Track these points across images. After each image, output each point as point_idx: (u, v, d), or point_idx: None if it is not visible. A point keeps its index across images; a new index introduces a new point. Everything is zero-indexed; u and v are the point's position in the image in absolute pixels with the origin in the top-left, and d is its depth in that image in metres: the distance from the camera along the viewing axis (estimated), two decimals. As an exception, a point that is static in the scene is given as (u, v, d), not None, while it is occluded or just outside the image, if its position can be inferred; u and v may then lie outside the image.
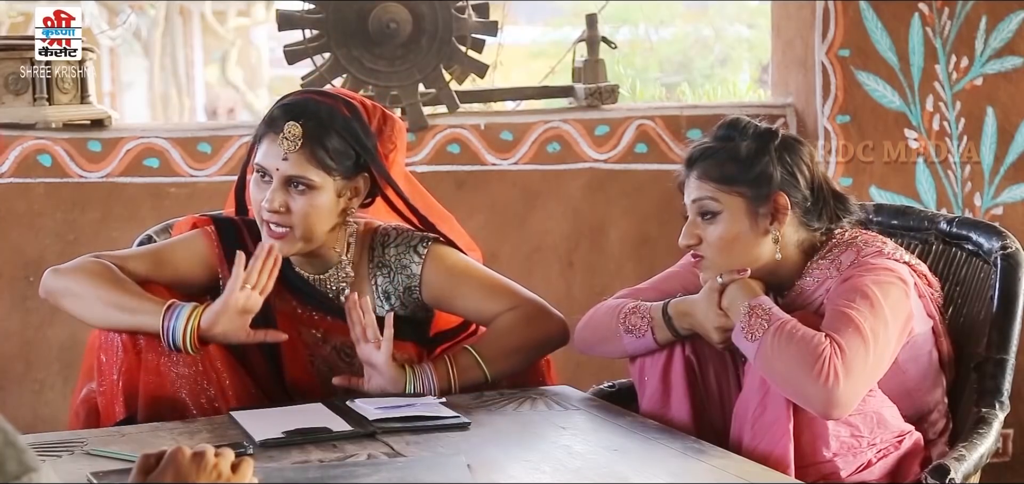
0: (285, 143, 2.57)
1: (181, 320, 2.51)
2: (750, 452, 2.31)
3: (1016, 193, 3.87)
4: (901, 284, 2.40)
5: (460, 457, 2.20)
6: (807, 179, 2.50)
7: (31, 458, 1.42)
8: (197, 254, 2.70)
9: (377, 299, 2.73)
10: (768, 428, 2.30)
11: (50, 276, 2.63)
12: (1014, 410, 2.68)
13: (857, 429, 2.33)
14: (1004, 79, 3.85)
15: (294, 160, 2.58)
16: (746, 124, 2.52)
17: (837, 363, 2.25)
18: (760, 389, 2.32)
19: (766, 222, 2.47)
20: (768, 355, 2.31)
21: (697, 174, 2.50)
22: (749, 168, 2.47)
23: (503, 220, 3.89)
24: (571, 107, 4.11)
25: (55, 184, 3.78)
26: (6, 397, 3.75)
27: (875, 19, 3.83)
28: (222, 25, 14.52)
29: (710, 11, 13.62)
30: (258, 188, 2.61)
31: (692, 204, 2.51)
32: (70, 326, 3.75)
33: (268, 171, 2.59)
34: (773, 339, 2.31)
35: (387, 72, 3.81)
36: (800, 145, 2.54)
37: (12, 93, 3.74)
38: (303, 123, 2.58)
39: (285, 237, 2.60)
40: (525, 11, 12.92)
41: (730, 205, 2.47)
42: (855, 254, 2.45)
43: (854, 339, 2.29)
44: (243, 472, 1.71)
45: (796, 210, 2.49)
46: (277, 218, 2.59)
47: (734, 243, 2.47)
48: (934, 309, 2.51)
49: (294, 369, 2.68)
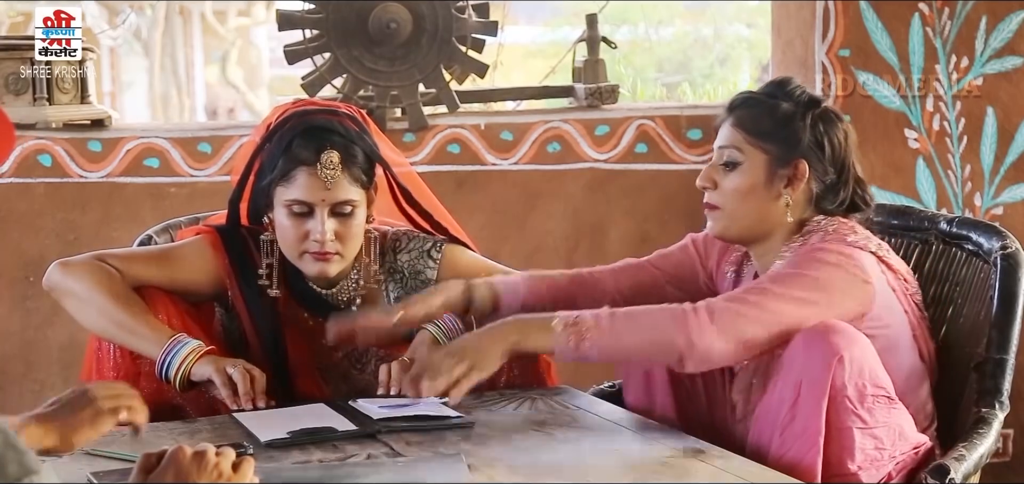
0: (326, 173, 2.55)
1: (177, 359, 2.50)
2: (777, 460, 2.29)
3: (1016, 193, 3.87)
4: (851, 270, 2.38)
5: (460, 457, 2.20)
6: (835, 156, 2.51)
7: (32, 460, 1.43)
8: (203, 262, 2.68)
9: (388, 301, 2.73)
10: (798, 437, 2.28)
11: (56, 271, 2.61)
12: (1014, 410, 2.68)
13: (881, 442, 2.32)
14: (1004, 79, 3.85)
15: (337, 187, 2.56)
16: (794, 87, 2.54)
17: (694, 314, 2.32)
18: (790, 397, 2.30)
19: (781, 184, 2.48)
20: (610, 343, 2.35)
21: (733, 120, 2.53)
22: (781, 127, 2.49)
23: (503, 220, 3.89)
24: (571, 107, 4.11)
25: (55, 184, 3.78)
26: (6, 397, 3.75)
27: (875, 19, 3.83)
28: (222, 25, 14.52)
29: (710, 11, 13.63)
30: (296, 223, 2.58)
31: (718, 149, 2.53)
32: (70, 326, 3.74)
33: (312, 204, 2.57)
34: (610, 324, 2.35)
35: (387, 72, 3.81)
36: (838, 121, 2.54)
37: (12, 93, 3.74)
38: (340, 148, 2.57)
39: (333, 260, 2.59)
40: (525, 11, 12.92)
41: (752, 158, 2.49)
42: (821, 238, 2.46)
43: (734, 303, 2.34)
44: (244, 472, 1.71)
45: (814, 183, 2.49)
46: (329, 246, 2.57)
47: (747, 195, 2.49)
48: (908, 304, 2.49)
49: (304, 384, 2.67)
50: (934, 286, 2.72)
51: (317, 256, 2.58)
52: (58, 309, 2.68)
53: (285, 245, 2.62)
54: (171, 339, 2.51)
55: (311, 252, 2.58)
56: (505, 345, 2.38)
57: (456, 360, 2.36)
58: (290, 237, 2.59)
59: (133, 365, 2.56)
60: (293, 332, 2.68)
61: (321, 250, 2.57)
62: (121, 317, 2.53)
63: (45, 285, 2.63)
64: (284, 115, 2.65)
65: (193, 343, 2.51)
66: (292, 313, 2.69)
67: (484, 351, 2.38)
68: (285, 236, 2.60)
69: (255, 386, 2.48)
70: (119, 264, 2.61)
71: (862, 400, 2.29)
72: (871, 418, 2.31)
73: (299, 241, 2.59)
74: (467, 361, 2.36)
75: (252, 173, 2.66)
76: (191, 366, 2.49)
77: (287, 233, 2.59)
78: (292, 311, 2.68)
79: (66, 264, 2.61)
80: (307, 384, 2.67)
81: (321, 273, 2.61)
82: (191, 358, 2.49)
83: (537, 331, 2.39)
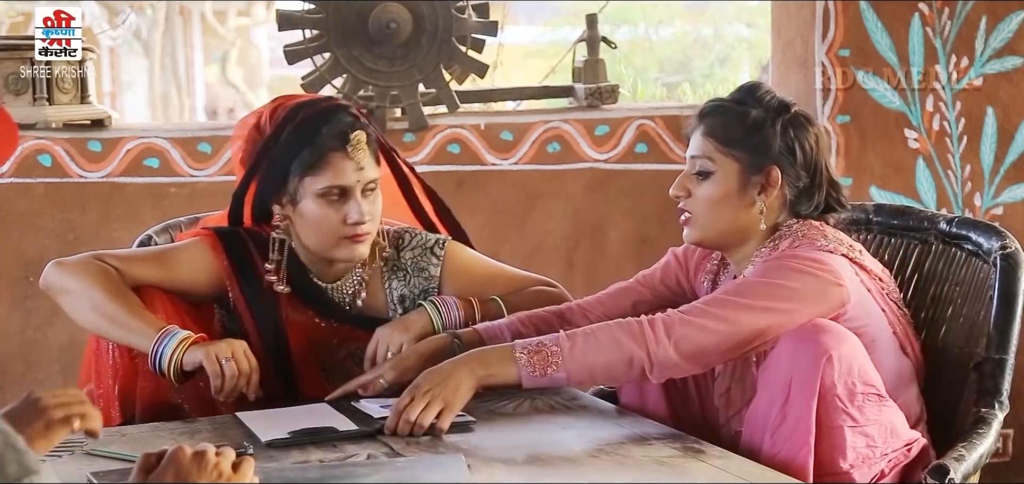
0: (357, 154, 2.58)
1: (168, 349, 2.48)
2: (768, 460, 2.29)
3: (1016, 193, 3.87)
4: (820, 275, 2.38)
5: (460, 457, 2.20)
6: (807, 160, 2.50)
7: (31, 460, 1.42)
8: (201, 263, 2.67)
9: (391, 305, 2.73)
10: (789, 437, 2.28)
11: (52, 270, 2.61)
12: (1014, 410, 2.68)
13: (872, 440, 2.32)
14: (1004, 79, 3.85)
15: (367, 166, 2.60)
16: (763, 92, 2.54)
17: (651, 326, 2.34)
18: (780, 398, 2.30)
19: (755, 191, 2.49)
20: (577, 364, 2.34)
21: (703, 129, 2.52)
22: (751, 135, 2.48)
23: (503, 220, 3.89)
24: (571, 107, 4.12)
25: (55, 184, 3.78)
26: (6, 397, 3.75)
27: (875, 19, 3.83)
28: (222, 25, 14.52)
29: (710, 11, 13.63)
30: (332, 209, 2.59)
31: (690, 158, 2.53)
32: (70, 326, 3.74)
33: (348, 187, 2.58)
34: (572, 345, 2.35)
35: (387, 72, 3.81)
36: (809, 125, 2.54)
37: (12, 93, 3.75)
38: (363, 128, 2.61)
39: (366, 241, 2.62)
40: (525, 11, 12.92)
41: (724, 167, 2.49)
42: (791, 243, 2.46)
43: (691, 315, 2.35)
44: (244, 472, 1.71)
45: (788, 188, 2.50)
46: (364, 226, 2.60)
47: (720, 204, 2.49)
48: (886, 303, 2.48)
49: (307, 382, 2.67)
50: (934, 286, 2.72)
51: (355, 239, 2.60)
52: (58, 309, 2.68)
53: (319, 235, 2.62)
54: (161, 330, 2.50)
55: (347, 236, 2.60)
56: (472, 381, 2.36)
57: (428, 400, 2.34)
58: (326, 225, 2.60)
59: (131, 364, 2.55)
60: (296, 330, 2.68)
61: (357, 232, 2.60)
62: (114, 311, 2.52)
63: (41, 285, 2.63)
64: (287, 110, 2.65)
65: (183, 332, 2.50)
66: (295, 311, 2.69)
67: (453, 390, 2.35)
68: (320, 225, 2.61)
69: (249, 381, 2.49)
70: (116, 262, 2.61)
71: (852, 398, 2.29)
72: (862, 416, 2.31)
73: (336, 227, 2.60)
74: (439, 401, 2.34)
75: (259, 171, 2.65)
76: (182, 354, 2.48)
77: (322, 222, 2.60)
78: (295, 309, 2.68)
79: (61, 263, 2.61)
80: (310, 382, 2.67)
81: (357, 256, 2.63)
82: (181, 347, 2.48)
83: (500, 363, 2.37)
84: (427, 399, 2.34)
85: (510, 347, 2.38)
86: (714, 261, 2.66)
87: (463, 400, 2.36)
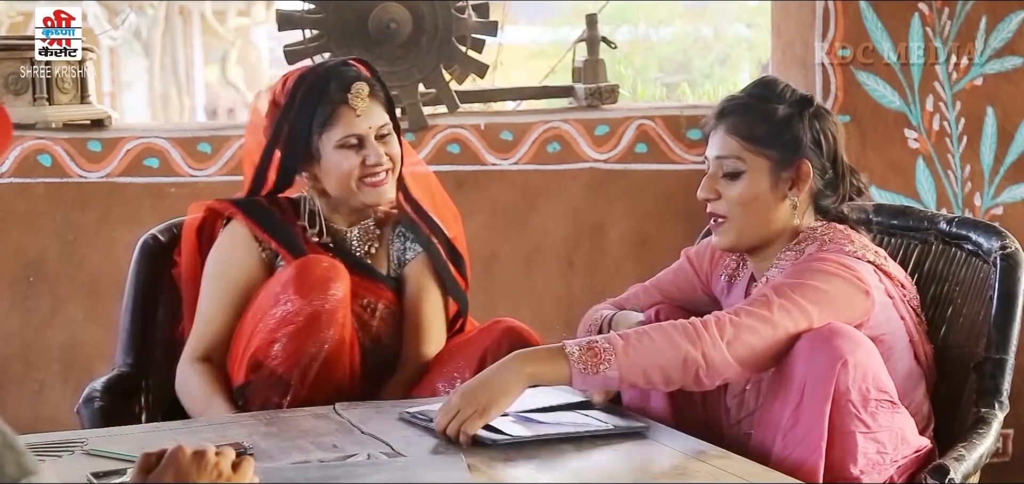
0: (358, 103, 2.74)
1: None
2: (779, 462, 2.29)
3: (1016, 193, 3.86)
4: (851, 281, 2.38)
5: (460, 457, 2.20)
6: (830, 150, 2.51)
7: (30, 461, 1.42)
8: (244, 243, 2.77)
9: (391, 260, 2.85)
10: (801, 440, 2.28)
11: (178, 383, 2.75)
12: (1014, 410, 2.68)
13: (883, 446, 2.32)
14: (1004, 79, 3.84)
15: (372, 113, 2.75)
16: (783, 87, 2.53)
17: (705, 327, 2.30)
18: (793, 400, 2.29)
19: (786, 186, 2.48)
20: (630, 363, 2.29)
21: (726, 128, 2.50)
22: (781, 132, 2.48)
23: (503, 220, 3.89)
24: (571, 107, 4.11)
25: (55, 184, 3.78)
26: (6, 397, 3.75)
27: (875, 19, 3.82)
28: (222, 25, 14.53)
29: (710, 11, 13.64)
30: (351, 156, 2.73)
31: (715, 159, 2.51)
32: (70, 326, 3.75)
33: (361, 135, 2.74)
34: (626, 345, 2.29)
35: (387, 72, 3.79)
36: (829, 115, 2.55)
37: (12, 93, 3.74)
38: (365, 80, 2.76)
39: (388, 181, 2.78)
40: (525, 11, 12.93)
41: (754, 166, 2.48)
42: (817, 247, 2.45)
43: (741, 317, 2.32)
44: (244, 471, 1.71)
45: (816, 179, 2.50)
46: (382, 167, 2.74)
47: (753, 203, 2.48)
48: (906, 310, 2.49)
49: None
50: (934, 286, 2.72)
51: (376, 183, 2.75)
52: (58, 309, 2.69)
53: (343, 183, 2.75)
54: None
55: (368, 181, 2.75)
56: (522, 382, 2.30)
57: (467, 401, 2.28)
58: (346, 172, 2.74)
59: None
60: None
61: (377, 173, 2.74)
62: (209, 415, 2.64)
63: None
64: (296, 77, 2.80)
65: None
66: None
67: (501, 390, 2.28)
68: (342, 174, 2.75)
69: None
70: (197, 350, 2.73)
71: (865, 404, 2.29)
72: (874, 422, 2.30)
73: (356, 173, 2.74)
74: (482, 402, 2.28)
75: (280, 138, 2.76)
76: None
77: (343, 171, 2.74)
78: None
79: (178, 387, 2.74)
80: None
81: (384, 198, 2.77)
82: None
83: (552, 362, 2.31)
84: (469, 399, 2.28)
85: (560, 345, 2.33)
86: (731, 257, 2.64)
87: (509, 403, 2.30)
